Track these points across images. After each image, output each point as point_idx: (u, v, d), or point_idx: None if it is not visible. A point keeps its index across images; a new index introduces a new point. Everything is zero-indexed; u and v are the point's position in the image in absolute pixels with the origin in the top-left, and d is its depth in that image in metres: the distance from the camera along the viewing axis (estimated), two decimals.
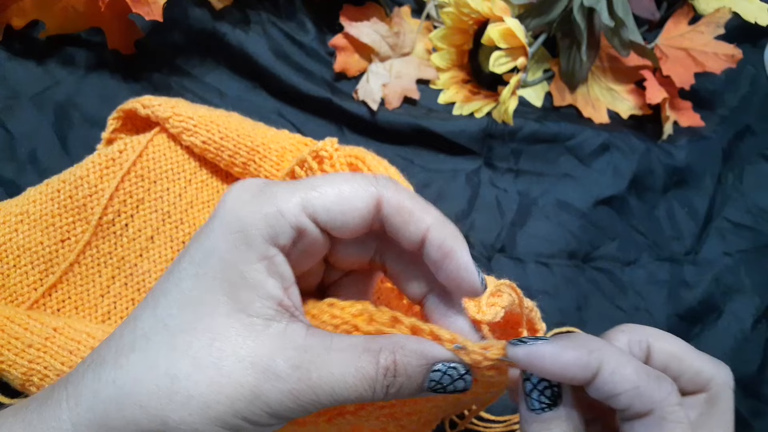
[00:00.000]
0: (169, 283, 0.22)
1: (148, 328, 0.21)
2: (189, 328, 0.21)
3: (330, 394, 0.21)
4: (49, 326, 0.37)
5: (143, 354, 0.21)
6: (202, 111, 0.43)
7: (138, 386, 0.20)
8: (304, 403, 0.21)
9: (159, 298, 0.22)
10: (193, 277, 0.21)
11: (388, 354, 0.21)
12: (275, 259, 0.22)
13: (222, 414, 0.20)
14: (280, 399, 0.20)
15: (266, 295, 0.21)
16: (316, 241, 0.23)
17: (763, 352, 0.48)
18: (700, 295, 0.49)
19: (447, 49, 0.55)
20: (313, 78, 0.53)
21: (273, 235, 0.21)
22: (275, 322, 0.21)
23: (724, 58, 0.54)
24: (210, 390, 0.20)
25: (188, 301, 0.21)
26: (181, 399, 0.20)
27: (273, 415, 0.21)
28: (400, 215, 0.23)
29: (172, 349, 0.20)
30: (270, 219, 0.21)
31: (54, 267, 0.41)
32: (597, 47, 0.54)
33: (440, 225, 0.23)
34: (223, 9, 0.53)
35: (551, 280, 0.48)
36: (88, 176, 0.41)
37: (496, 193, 0.51)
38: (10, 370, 0.36)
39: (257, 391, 0.20)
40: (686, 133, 0.55)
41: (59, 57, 0.52)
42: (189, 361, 0.20)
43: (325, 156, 0.37)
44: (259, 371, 0.20)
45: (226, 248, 0.21)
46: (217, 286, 0.21)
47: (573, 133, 0.52)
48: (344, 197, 0.22)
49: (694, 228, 0.52)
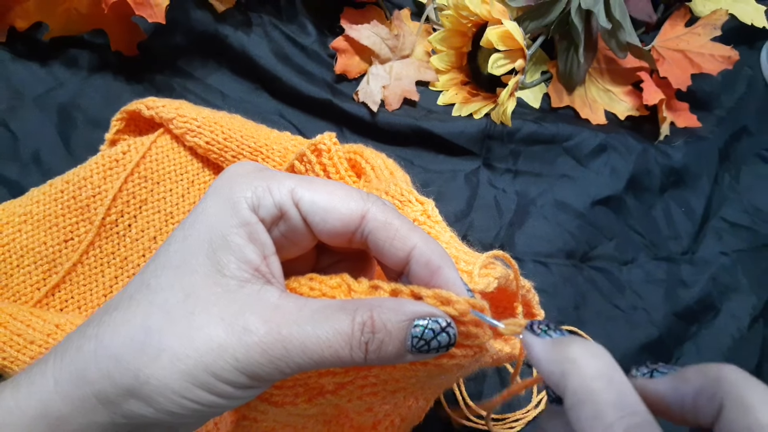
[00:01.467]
0: (161, 249, 0.23)
1: (133, 290, 0.22)
2: (167, 286, 0.21)
3: (302, 350, 0.20)
4: (52, 323, 0.37)
5: (124, 311, 0.21)
6: (206, 112, 0.43)
7: (114, 338, 0.21)
8: (273, 359, 0.20)
9: (149, 264, 0.23)
10: (180, 240, 0.22)
11: (365, 311, 0.21)
12: (256, 227, 0.22)
13: (191, 368, 0.20)
14: (248, 353, 0.20)
15: (244, 258, 0.22)
16: (297, 229, 0.23)
17: (760, 351, 0.48)
18: (698, 294, 0.49)
19: (446, 51, 0.55)
20: (313, 80, 0.53)
21: (256, 206, 0.22)
22: (249, 284, 0.22)
23: (721, 59, 0.54)
24: (180, 343, 0.20)
25: (171, 262, 0.22)
26: (152, 351, 0.20)
27: (242, 372, 0.20)
28: (385, 231, 0.23)
29: (148, 304, 0.21)
30: (257, 191, 0.22)
31: (57, 267, 0.41)
32: (594, 49, 0.55)
33: (426, 243, 0.23)
34: (225, 11, 0.53)
35: (549, 279, 0.48)
36: (92, 177, 0.42)
37: (494, 193, 0.51)
38: (12, 366, 0.36)
39: (225, 344, 0.20)
40: (683, 133, 0.55)
41: (62, 58, 0.52)
42: (162, 315, 0.21)
43: (323, 149, 0.37)
44: (228, 325, 0.20)
45: (213, 212, 0.22)
46: (198, 248, 0.22)
47: (571, 134, 0.53)
48: (333, 198, 0.23)
49: (691, 228, 0.52)
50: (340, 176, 0.37)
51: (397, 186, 0.36)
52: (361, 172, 0.40)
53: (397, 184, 0.36)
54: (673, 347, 0.48)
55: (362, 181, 0.39)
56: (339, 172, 0.37)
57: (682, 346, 0.48)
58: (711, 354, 0.48)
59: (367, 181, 0.39)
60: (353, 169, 0.39)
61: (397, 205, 0.36)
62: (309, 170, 0.37)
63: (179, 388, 0.20)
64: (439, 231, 0.35)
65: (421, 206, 0.36)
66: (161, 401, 0.20)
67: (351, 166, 0.39)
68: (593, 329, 0.46)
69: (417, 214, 0.35)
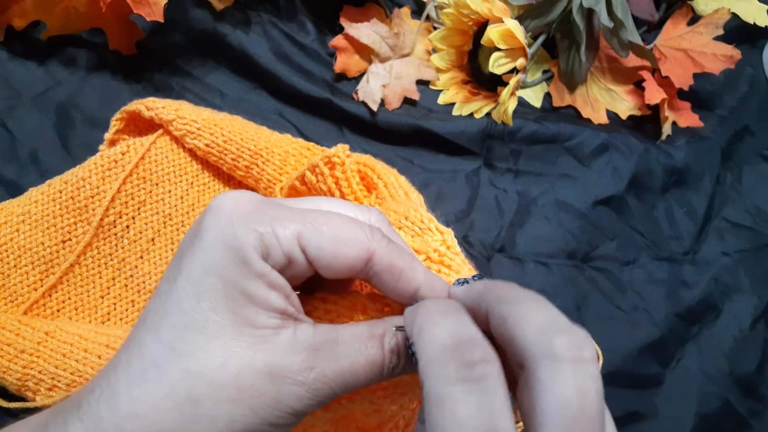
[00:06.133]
0: (168, 304, 0.22)
1: (156, 355, 0.21)
2: (199, 349, 0.21)
3: (343, 385, 0.22)
4: (41, 330, 0.37)
5: (158, 383, 0.21)
6: (206, 114, 0.43)
7: (162, 415, 0.20)
8: (321, 398, 0.22)
9: (161, 321, 0.22)
10: (193, 296, 0.21)
11: (391, 336, 0.22)
12: (272, 276, 0.22)
13: (249, 425, 0.21)
14: (300, 400, 0.21)
15: (270, 307, 0.22)
16: (303, 271, 0.23)
17: (761, 352, 0.48)
18: (699, 294, 0.49)
19: (447, 50, 0.55)
20: (313, 79, 0.53)
21: (265, 254, 0.22)
22: (283, 329, 0.22)
23: (723, 58, 0.54)
24: (233, 406, 0.21)
25: (193, 322, 0.21)
26: (206, 420, 0.20)
27: (295, 415, 0.22)
28: (390, 274, 0.23)
29: (186, 373, 0.21)
30: (264, 238, 0.21)
31: (54, 268, 0.41)
32: (596, 48, 0.54)
33: (430, 285, 0.24)
34: (223, 10, 0.53)
35: (550, 279, 0.48)
36: (90, 177, 0.42)
37: (495, 193, 0.51)
38: (4, 376, 0.36)
39: (278, 397, 0.21)
40: (685, 133, 0.55)
41: (60, 57, 0.52)
42: (207, 383, 0.21)
43: (337, 162, 0.37)
44: (277, 379, 0.21)
45: (224, 265, 0.21)
46: (220, 305, 0.21)
47: (572, 134, 0.52)
48: (339, 243, 0.22)
49: (692, 228, 0.52)
50: (351, 190, 0.37)
51: (417, 212, 0.36)
52: (371, 187, 0.40)
53: (417, 209, 0.36)
54: (675, 348, 0.48)
55: (373, 197, 0.39)
56: (351, 186, 0.37)
57: (684, 347, 0.48)
58: (712, 354, 0.48)
59: (380, 197, 0.39)
60: (363, 181, 0.39)
61: (416, 233, 0.36)
62: (321, 181, 0.37)
63: None
64: (460, 264, 0.35)
65: (440, 236, 0.36)
66: None
67: (360, 178, 0.39)
68: (594, 330, 0.46)
69: (437, 244, 0.35)
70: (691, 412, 0.45)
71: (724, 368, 0.47)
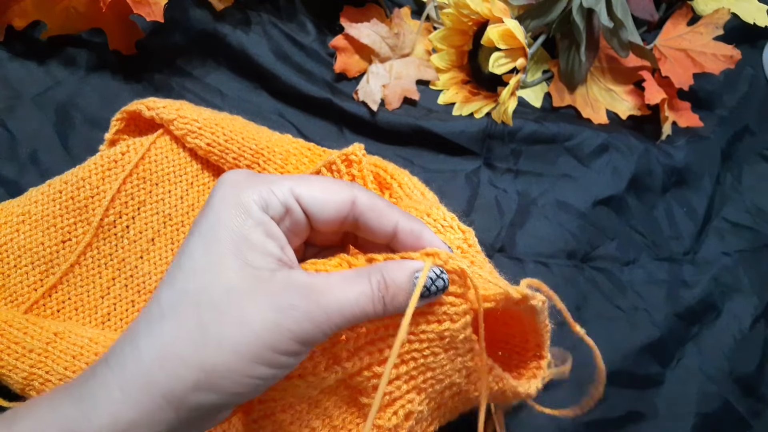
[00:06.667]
0: (182, 257, 0.25)
1: (171, 300, 0.24)
2: (207, 287, 0.24)
3: (339, 312, 0.25)
4: (50, 331, 0.37)
5: (173, 319, 0.24)
6: (207, 113, 0.43)
7: (175, 342, 0.23)
8: (318, 323, 0.24)
9: (176, 273, 0.25)
10: (202, 246, 0.25)
11: (377, 273, 0.26)
12: (270, 225, 0.25)
13: (253, 348, 0.23)
14: (298, 324, 0.24)
15: (267, 252, 0.25)
16: (299, 222, 0.27)
17: (761, 352, 0.48)
18: (699, 294, 0.49)
19: (447, 50, 0.55)
20: (313, 79, 0.53)
21: (265, 207, 0.25)
22: (279, 272, 0.25)
23: (723, 58, 0.54)
24: (239, 330, 0.23)
25: (201, 267, 0.24)
26: (213, 344, 0.23)
27: (296, 341, 0.24)
28: (373, 212, 0.27)
29: (197, 306, 0.24)
30: (263, 194, 0.25)
31: (54, 268, 0.41)
32: (596, 48, 0.54)
33: (407, 217, 0.28)
34: (223, 10, 0.53)
35: (550, 279, 0.48)
36: (90, 177, 0.42)
37: (495, 193, 0.51)
38: (10, 374, 0.36)
39: (279, 321, 0.23)
40: (685, 133, 0.55)
41: (60, 57, 0.52)
42: (213, 312, 0.23)
43: (354, 160, 0.38)
44: (276, 305, 0.24)
45: (228, 217, 0.25)
46: (224, 250, 0.24)
47: (572, 134, 0.52)
48: (326, 191, 0.27)
49: (692, 228, 0.52)
50: (367, 189, 0.37)
51: (439, 210, 0.37)
52: (384, 187, 0.40)
53: (439, 207, 0.38)
54: (675, 348, 0.48)
55: (387, 196, 0.39)
56: (366, 185, 0.38)
57: (684, 347, 0.48)
58: (712, 354, 0.48)
59: (394, 197, 0.39)
60: (375, 181, 0.40)
61: (438, 230, 0.37)
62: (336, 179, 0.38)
63: (245, 369, 0.23)
64: (482, 261, 0.36)
65: (462, 234, 0.37)
66: (227, 385, 0.23)
67: (373, 177, 0.39)
68: (594, 330, 0.46)
69: (459, 242, 0.36)
70: (691, 412, 0.45)
71: (724, 368, 0.47)
